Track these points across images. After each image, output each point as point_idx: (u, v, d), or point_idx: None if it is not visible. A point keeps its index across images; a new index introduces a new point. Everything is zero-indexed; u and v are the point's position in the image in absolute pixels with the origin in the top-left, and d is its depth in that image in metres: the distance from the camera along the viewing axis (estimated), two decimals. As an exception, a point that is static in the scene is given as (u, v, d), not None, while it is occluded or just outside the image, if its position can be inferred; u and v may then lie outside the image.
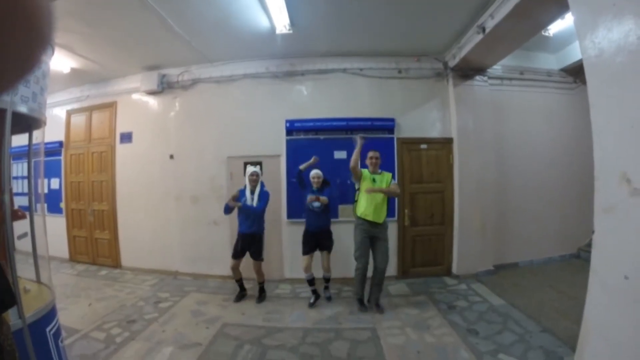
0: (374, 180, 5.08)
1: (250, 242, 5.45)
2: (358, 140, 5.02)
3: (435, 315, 4.84)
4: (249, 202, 5.36)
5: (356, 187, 5.25)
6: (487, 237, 6.54)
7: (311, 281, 5.49)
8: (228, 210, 5.34)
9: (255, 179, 5.44)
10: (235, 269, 5.52)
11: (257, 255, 5.49)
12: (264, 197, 5.48)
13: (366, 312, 5.02)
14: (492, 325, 4.44)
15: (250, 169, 5.51)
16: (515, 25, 4.57)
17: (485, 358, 3.69)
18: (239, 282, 5.64)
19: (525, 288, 5.69)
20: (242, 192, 5.49)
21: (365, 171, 5.15)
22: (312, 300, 5.44)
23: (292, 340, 4.23)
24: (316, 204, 5.29)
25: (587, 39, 2.49)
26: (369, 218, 4.99)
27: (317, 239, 5.46)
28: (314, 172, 5.48)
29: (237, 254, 5.48)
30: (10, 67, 0.37)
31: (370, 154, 5.19)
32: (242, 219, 5.43)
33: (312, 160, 5.43)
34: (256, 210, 5.37)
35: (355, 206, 5.21)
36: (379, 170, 5.25)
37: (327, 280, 5.63)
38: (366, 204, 5.00)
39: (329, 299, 5.52)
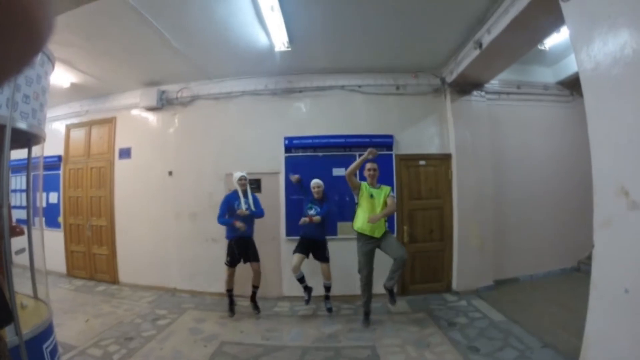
0: (371, 195, 5.05)
1: (246, 246, 5.47)
2: (368, 153, 4.75)
3: (435, 333, 4.80)
4: (243, 205, 5.41)
5: (355, 200, 5.26)
6: (486, 253, 6.51)
7: (302, 279, 5.52)
8: (228, 222, 5.39)
9: (244, 182, 5.56)
10: (231, 276, 5.51)
11: (256, 258, 5.51)
12: (257, 200, 5.64)
13: (368, 327, 4.99)
14: (493, 342, 4.39)
15: (238, 174, 5.60)
16: (511, 39, 4.61)
17: (487, 375, 3.65)
18: (230, 292, 5.60)
19: (525, 303, 5.66)
20: (230, 198, 5.54)
21: (364, 185, 5.13)
22: (307, 298, 5.52)
23: (291, 359, 4.18)
24: (312, 211, 5.37)
25: (582, 51, 2.52)
26: (367, 232, 4.98)
27: (311, 246, 5.50)
28: (314, 182, 5.58)
29: (235, 261, 5.47)
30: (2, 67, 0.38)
31: (368, 165, 5.15)
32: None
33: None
34: (261, 215, 5.55)
35: (354, 220, 5.21)
36: (378, 185, 5.24)
37: (327, 289, 5.58)
38: (363, 220, 4.99)
39: (329, 310, 5.48)
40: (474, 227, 6.45)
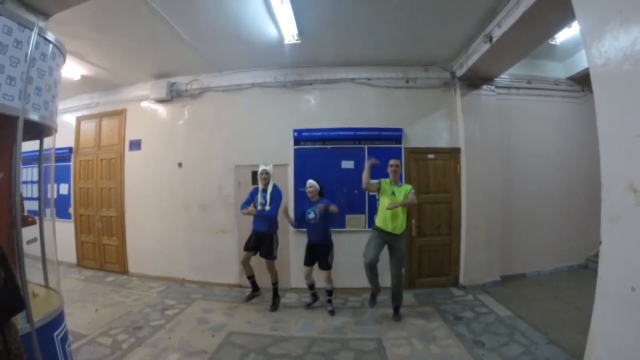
0: (393, 193, 5.03)
1: (262, 240, 5.49)
2: (369, 163, 5.02)
3: (441, 326, 4.82)
4: (259, 201, 5.42)
5: (377, 197, 5.30)
6: (494, 248, 6.49)
7: (311, 286, 5.56)
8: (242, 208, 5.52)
9: (265, 177, 5.50)
10: (245, 262, 5.55)
11: (269, 254, 5.48)
12: (276, 198, 5.50)
13: (374, 307, 5.19)
14: (499, 337, 4.40)
15: (261, 167, 5.57)
16: (522, 34, 4.57)
17: (492, 369, 3.66)
18: (251, 279, 5.68)
19: (532, 299, 5.65)
20: (253, 192, 5.59)
21: (384, 182, 5.12)
22: (309, 301, 5.57)
23: (297, 350, 4.23)
24: (311, 215, 5.32)
25: (593, 47, 2.49)
26: (388, 229, 4.97)
27: (316, 253, 5.45)
28: (309, 182, 5.51)
29: (248, 247, 5.52)
30: None
31: (391, 162, 5.17)
32: (255, 219, 5.49)
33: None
34: (270, 215, 5.43)
35: (376, 216, 5.21)
36: (400, 182, 5.28)
37: (329, 293, 5.50)
38: (385, 217, 4.98)
39: (331, 312, 5.37)
40: (481, 221, 6.43)
